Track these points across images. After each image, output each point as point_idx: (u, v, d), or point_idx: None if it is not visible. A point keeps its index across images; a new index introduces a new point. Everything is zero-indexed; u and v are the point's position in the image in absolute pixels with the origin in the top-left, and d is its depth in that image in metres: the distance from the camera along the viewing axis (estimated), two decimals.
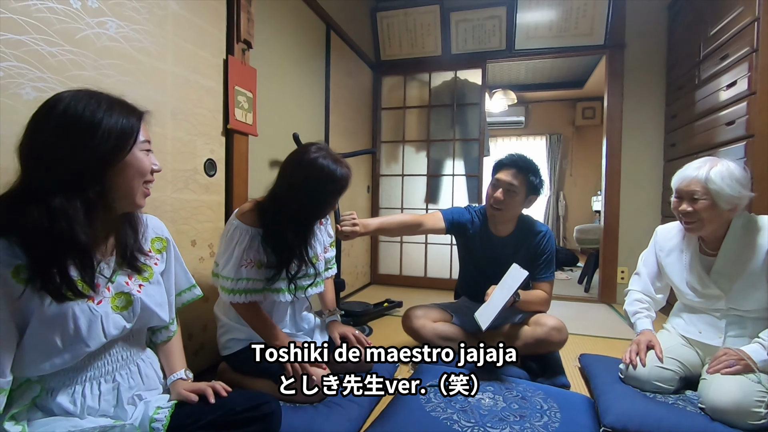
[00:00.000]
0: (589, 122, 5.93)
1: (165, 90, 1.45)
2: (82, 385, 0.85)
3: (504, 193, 1.69)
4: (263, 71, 1.98)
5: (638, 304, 1.58)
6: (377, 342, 1.68)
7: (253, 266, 1.36)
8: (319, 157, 1.33)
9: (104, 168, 0.78)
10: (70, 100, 0.76)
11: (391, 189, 3.75)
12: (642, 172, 3.04)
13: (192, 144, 1.59)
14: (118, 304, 0.88)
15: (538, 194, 1.76)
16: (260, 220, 1.36)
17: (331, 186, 1.34)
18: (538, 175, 1.74)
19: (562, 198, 6.24)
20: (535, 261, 1.77)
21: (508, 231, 1.81)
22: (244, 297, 1.35)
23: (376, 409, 1.40)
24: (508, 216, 1.75)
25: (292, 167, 1.36)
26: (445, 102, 3.61)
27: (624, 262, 3.08)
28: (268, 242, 1.34)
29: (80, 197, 0.75)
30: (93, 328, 0.81)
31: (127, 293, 0.89)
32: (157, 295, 0.96)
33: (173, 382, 1.00)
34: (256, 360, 1.38)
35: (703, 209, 1.35)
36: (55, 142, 0.74)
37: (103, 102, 0.79)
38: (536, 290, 1.78)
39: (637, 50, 3.03)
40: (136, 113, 0.84)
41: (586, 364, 1.69)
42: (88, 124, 0.75)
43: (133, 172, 0.83)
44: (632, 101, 3.06)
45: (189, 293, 1.15)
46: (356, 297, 3.19)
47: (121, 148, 0.79)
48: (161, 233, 1.04)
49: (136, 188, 0.85)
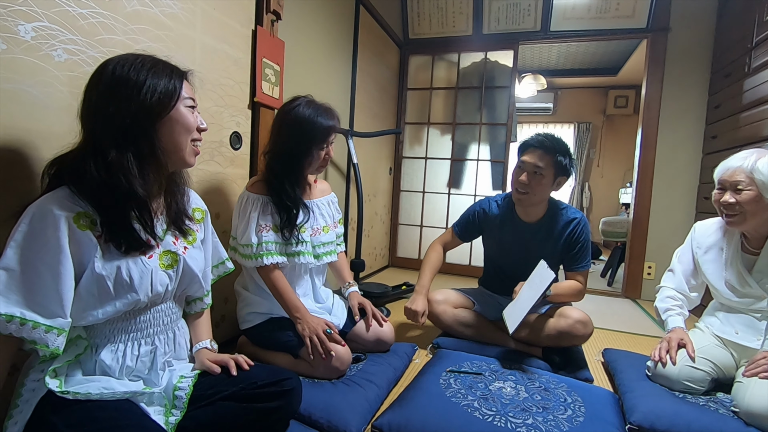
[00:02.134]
0: (621, 111, 5.70)
1: (194, 59, 1.43)
2: (125, 344, 0.87)
3: (529, 176, 1.61)
4: (291, 44, 1.94)
5: (670, 301, 1.52)
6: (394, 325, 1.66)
7: (270, 230, 1.38)
8: (298, 107, 1.40)
9: (151, 122, 0.83)
10: (117, 62, 0.82)
11: (413, 172, 3.69)
12: (678, 164, 2.90)
13: (219, 116, 1.57)
14: (165, 261, 0.90)
15: (568, 176, 1.65)
16: (267, 187, 1.40)
17: (310, 132, 1.39)
18: (567, 154, 1.62)
19: (587, 189, 6.07)
20: (569, 250, 1.70)
21: (538, 216, 1.72)
22: (268, 259, 1.36)
23: (394, 391, 1.39)
24: (536, 200, 1.65)
25: (276, 120, 1.46)
26: (473, 84, 3.51)
27: (652, 258, 2.97)
28: (277, 203, 1.39)
29: (133, 151, 0.81)
30: (144, 280, 0.84)
31: (173, 252, 0.92)
32: (199, 259, 0.99)
33: (198, 350, 1.02)
34: (275, 333, 1.40)
35: (746, 201, 1.29)
36: (106, 100, 0.79)
37: (147, 62, 0.84)
38: (569, 281, 1.71)
39: (681, 35, 2.86)
40: (179, 71, 0.89)
41: (611, 359, 1.64)
42: (134, 82, 0.80)
43: (180, 127, 0.87)
44: (672, 89, 2.90)
45: (222, 267, 1.18)
46: (374, 279, 3.18)
47: (165, 103, 0.84)
48: (200, 204, 1.08)
49: (184, 144, 0.88)
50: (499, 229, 1.79)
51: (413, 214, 3.71)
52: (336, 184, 2.59)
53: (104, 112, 0.79)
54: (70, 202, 0.77)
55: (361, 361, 1.46)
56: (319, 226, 1.53)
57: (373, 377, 1.35)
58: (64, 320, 0.75)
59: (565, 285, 1.69)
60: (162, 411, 0.86)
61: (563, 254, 1.72)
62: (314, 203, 1.53)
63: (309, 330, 1.32)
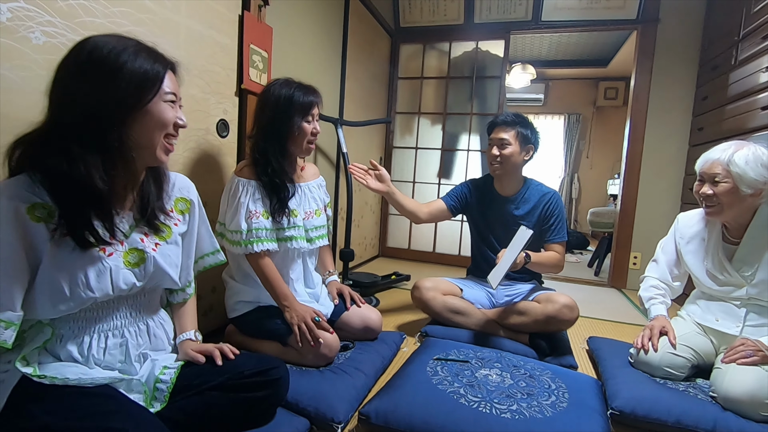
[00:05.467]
0: (611, 103, 5.73)
1: (178, 44, 1.40)
2: (90, 336, 0.84)
3: (499, 149, 1.79)
4: (279, 31, 1.90)
5: (654, 290, 1.55)
6: (383, 314, 1.67)
7: (261, 216, 1.37)
8: (274, 86, 1.41)
9: (123, 113, 0.76)
10: (97, 41, 0.75)
11: (404, 162, 3.68)
12: (665, 156, 2.93)
13: (205, 102, 1.54)
14: (131, 260, 0.86)
15: (534, 144, 1.83)
16: (255, 170, 1.39)
17: (289, 106, 1.38)
18: (528, 125, 1.82)
19: (576, 180, 6.12)
20: (545, 222, 1.81)
21: (514, 190, 1.87)
22: (258, 246, 1.35)
23: (381, 379, 1.40)
24: (509, 168, 1.81)
25: (257, 104, 1.45)
26: (464, 74, 3.49)
27: (638, 248, 3.02)
28: (267, 186, 1.38)
29: (98, 143, 0.74)
30: (101, 279, 0.80)
31: (140, 250, 0.87)
32: (173, 255, 0.94)
33: (182, 341, 1.00)
34: (263, 322, 1.40)
35: (723, 193, 1.32)
36: (78, 83, 0.74)
37: (130, 46, 0.77)
38: (548, 252, 1.80)
39: (671, 26, 2.87)
40: (163, 61, 0.82)
41: (595, 347, 1.67)
42: (110, 66, 0.74)
43: (154, 123, 0.80)
44: (661, 81, 2.92)
45: (212, 257, 1.13)
46: (364, 268, 3.19)
47: (141, 95, 0.77)
48: (187, 194, 1.02)
49: (156, 140, 0.82)
50: (480, 202, 1.92)
51: None
52: (326, 173, 2.57)
53: (73, 95, 0.73)
54: (27, 191, 0.72)
55: (349, 350, 1.47)
56: (311, 210, 1.53)
57: (361, 365, 1.35)
58: (13, 313, 0.72)
59: (545, 254, 1.78)
60: (141, 399, 0.86)
61: (541, 226, 1.81)
62: (305, 186, 1.53)
63: (297, 318, 1.32)
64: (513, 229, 1.63)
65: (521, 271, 1.70)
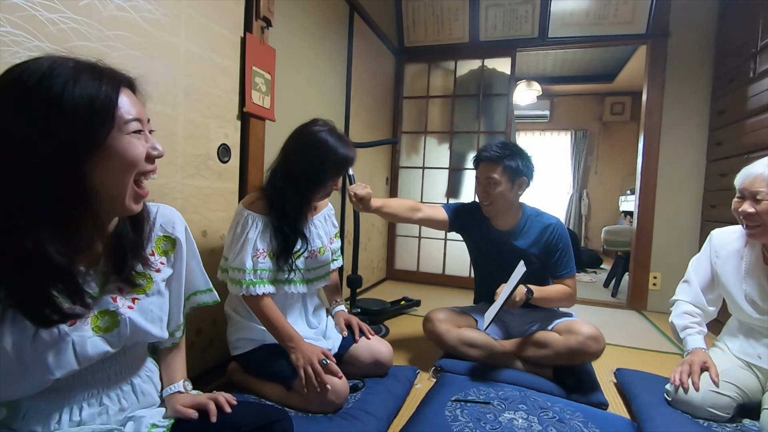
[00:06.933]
0: (618, 118, 5.67)
1: (177, 67, 1.34)
2: (60, 410, 0.70)
3: (485, 188, 1.64)
4: (283, 52, 1.85)
5: (688, 317, 1.42)
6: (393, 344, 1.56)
7: (266, 256, 1.29)
8: (321, 131, 1.33)
9: (73, 159, 0.58)
10: (26, 68, 0.58)
11: (410, 182, 3.60)
12: (681, 171, 2.83)
13: (205, 127, 1.47)
14: (101, 324, 0.71)
15: (526, 176, 1.64)
16: (268, 206, 1.31)
17: (329, 160, 1.32)
18: (516, 155, 1.62)
19: (585, 197, 6.01)
20: (549, 257, 1.66)
21: (511, 225, 1.71)
22: (260, 288, 1.26)
23: (396, 422, 1.28)
24: (501, 207, 1.66)
25: (293, 139, 1.37)
26: (470, 92, 3.44)
27: (657, 267, 2.89)
28: (276, 226, 1.31)
29: (48, 205, 0.58)
30: (62, 355, 0.65)
31: (113, 312, 0.72)
32: (154, 309, 0.80)
33: (169, 395, 0.87)
34: (267, 362, 1.30)
35: (766, 211, 1.20)
36: (8, 126, 0.56)
37: (67, 68, 0.58)
38: (556, 285, 1.66)
39: (682, 40, 2.81)
40: (113, 80, 0.62)
41: (625, 380, 1.54)
42: (44, 98, 0.56)
43: (117, 165, 0.62)
44: (674, 95, 2.84)
45: (207, 295, 0.99)
46: (371, 293, 3.07)
47: (91, 131, 0.59)
48: (171, 230, 0.86)
49: (124, 185, 0.64)
50: (478, 237, 1.77)
51: (411, 225, 3.61)
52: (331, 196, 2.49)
53: (4, 144, 0.56)
54: None
55: (359, 390, 1.36)
56: (315, 248, 1.44)
57: (372, 408, 1.24)
58: None
59: (551, 288, 1.64)
60: None
61: (545, 261, 1.67)
62: (312, 222, 1.46)
63: (303, 360, 1.22)
64: (513, 263, 1.52)
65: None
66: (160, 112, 1.27)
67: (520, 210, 1.72)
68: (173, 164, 1.34)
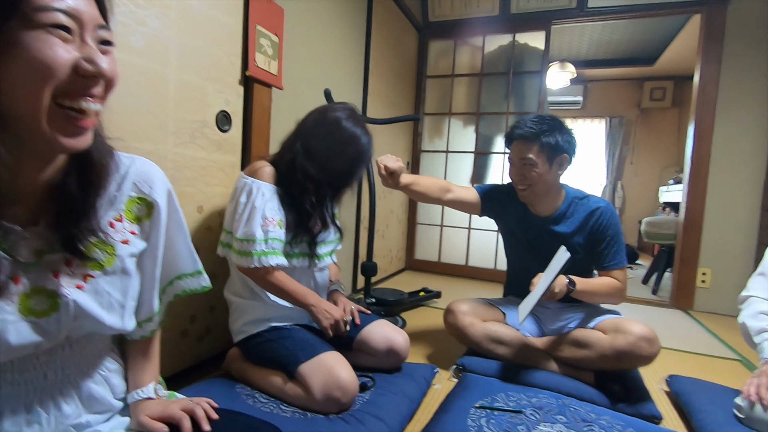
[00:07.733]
0: (658, 104, 5.26)
1: (168, 19, 1.17)
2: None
3: (521, 170, 1.44)
4: (293, 14, 1.68)
5: (766, 318, 1.18)
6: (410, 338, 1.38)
7: (276, 225, 1.16)
8: (343, 118, 1.24)
9: None
10: None
11: (433, 167, 3.39)
12: (738, 156, 2.52)
13: (202, 90, 1.32)
14: (34, 306, 0.54)
15: (567, 152, 1.43)
16: (275, 178, 1.20)
17: (353, 151, 1.24)
18: (555, 130, 1.41)
19: (619, 188, 5.64)
20: (597, 245, 1.44)
21: (552, 209, 1.49)
22: (273, 259, 1.15)
23: (409, 429, 1.10)
24: (539, 190, 1.45)
25: (312, 124, 1.26)
26: (499, 70, 3.19)
27: (706, 263, 2.59)
28: (287, 202, 1.21)
29: None
30: None
31: (51, 291, 0.55)
32: (113, 291, 0.62)
33: (136, 402, 0.68)
34: (272, 345, 1.18)
35: None
36: None
37: None
38: (602, 278, 1.44)
39: (743, 6, 2.48)
40: None
41: (680, 389, 1.31)
42: None
43: (22, 69, 0.45)
44: (732, 71, 2.52)
45: (193, 280, 0.77)
46: (389, 283, 2.90)
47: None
48: (148, 191, 0.65)
49: (35, 100, 0.46)
50: (515, 219, 1.57)
51: (433, 212, 3.41)
52: None
53: None
54: None
55: (368, 389, 1.19)
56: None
57: (382, 412, 1.07)
58: None
59: (596, 280, 1.43)
60: None
61: (591, 250, 1.45)
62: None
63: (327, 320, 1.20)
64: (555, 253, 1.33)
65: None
66: (144, 67, 1.12)
67: (561, 192, 1.50)
68: (162, 129, 1.19)
